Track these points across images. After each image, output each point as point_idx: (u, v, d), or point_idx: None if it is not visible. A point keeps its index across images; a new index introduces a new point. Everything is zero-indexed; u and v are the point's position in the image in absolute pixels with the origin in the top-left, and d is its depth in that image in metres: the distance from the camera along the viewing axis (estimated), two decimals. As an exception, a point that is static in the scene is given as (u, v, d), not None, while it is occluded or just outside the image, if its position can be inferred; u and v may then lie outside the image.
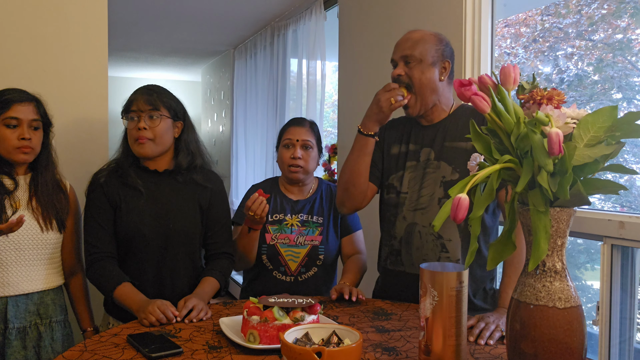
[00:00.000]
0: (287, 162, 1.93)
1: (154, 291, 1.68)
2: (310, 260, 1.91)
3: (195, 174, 1.79)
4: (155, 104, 1.71)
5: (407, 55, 1.62)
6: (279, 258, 1.90)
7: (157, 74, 7.62)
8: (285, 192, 2.00)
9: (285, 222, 1.94)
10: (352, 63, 3.17)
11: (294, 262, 1.91)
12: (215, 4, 4.10)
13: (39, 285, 1.68)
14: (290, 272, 1.91)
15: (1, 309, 1.62)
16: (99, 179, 1.74)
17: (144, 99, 1.71)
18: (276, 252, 1.90)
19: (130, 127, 1.72)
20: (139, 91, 1.74)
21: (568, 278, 0.98)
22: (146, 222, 1.70)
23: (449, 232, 1.61)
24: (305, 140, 1.93)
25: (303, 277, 1.92)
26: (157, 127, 1.70)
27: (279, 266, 1.91)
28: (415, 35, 1.65)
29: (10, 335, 1.62)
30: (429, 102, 1.64)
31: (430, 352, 1.11)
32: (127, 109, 1.73)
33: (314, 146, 1.96)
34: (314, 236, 1.93)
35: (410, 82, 1.62)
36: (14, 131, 1.62)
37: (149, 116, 1.69)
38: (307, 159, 1.93)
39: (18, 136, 1.62)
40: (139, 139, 1.69)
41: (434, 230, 0.95)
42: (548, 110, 0.93)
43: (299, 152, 1.92)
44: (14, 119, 1.62)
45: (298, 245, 1.91)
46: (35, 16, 2.14)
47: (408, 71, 1.62)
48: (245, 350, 1.26)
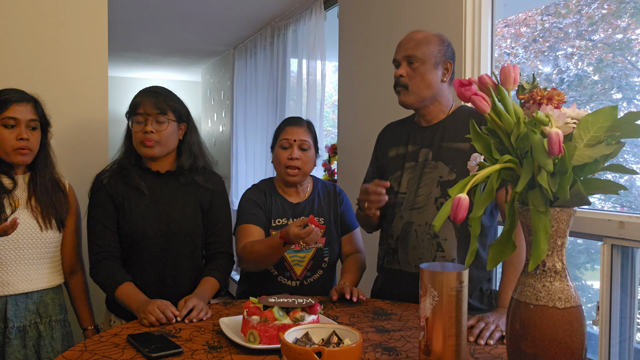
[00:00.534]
0: (284, 163, 1.87)
1: (156, 291, 1.68)
2: (315, 264, 1.88)
3: (196, 175, 1.80)
4: (162, 108, 1.71)
5: (410, 55, 1.63)
6: (285, 264, 1.86)
7: (157, 74, 7.62)
8: (283, 195, 1.94)
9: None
10: (352, 63, 3.17)
11: (300, 266, 1.87)
12: (215, 4, 4.10)
13: (39, 284, 1.68)
14: (296, 276, 1.87)
15: (1, 308, 1.62)
16: (102, 180, 1.74)
17: (151, 102, 1.71)
18: (282, 257, 1.85)
19: (136, 130, 1.72)
20: (145, 94, 1.75)
21: (568, 278, 0.98)
22: (149, 223, 1.71)
23: (445, 232, 1.62)
24: (303, 141, 1.87)
25: (309, 280, 1.88)
26: (164, 131, 1.71)
27: (285, 271, 1.87)
28: (418, 36, 1.65)
29: (10, 334, 1.62)
30: (424, 96, 1.64)
31: (430, 352, 1.11)
32: (133, 111, 1.73)
33: (312, 147, 1.90)
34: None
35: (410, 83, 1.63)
36: (11, 131, 1.62)
37: (157, 120, 1.71)
38: (305, 160, 1.87)
39: (16, 136, 1.62)
40: (146, 142, 1.70)
41: (434, 230, 0.95)
42: (548, 110, 0.93)
43: (296, 153, 1.85)
44: (12, 119, 1.62)
45: (303, 249, 1.87)
46: (35, 16, 2.14)
47: (411, 72, 1.63)
48: (245, 350, 1.26)
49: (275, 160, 1.92)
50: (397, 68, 1.67)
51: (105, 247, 1.70)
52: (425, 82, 1.63)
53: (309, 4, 3.79)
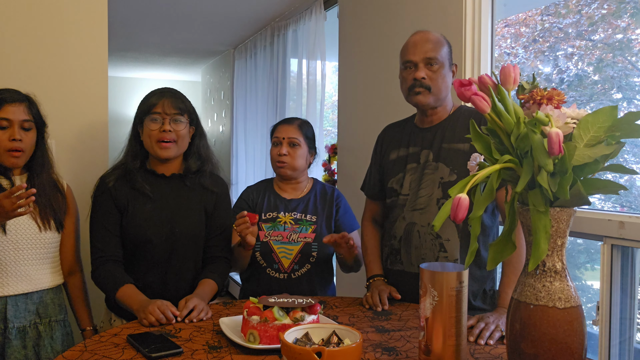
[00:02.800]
0: (274, 158, 1.98)
1: (159, 293, 1.69)
2: (303, 257, 1.92)
3: (203, 178, 1.81)
4: (180, 108, 1.73)
5: (431, 57, 1.63)
6: (273, 255, 1.92)
7: (157, 74, 7.61)
8: (279, 192, 2.03)
9: (279, 220, 1.95)
10: (352, 63, 3.17)
11: (287, 259, 1.92)
12: (215, 4, 4.10)
13: (38, 284, 1.68)
14: (284, 269, 1.92)
15: (1, 309, 1.62)
16: (107, 182, 1.74)
17: (170, 102, 1.72)
18: (269, 249, 1.92)
19: (152, 129, 1.71)
20: (163, 94, 1.75)
21: (568, 278, 0.98)
22: (153, 227, 1.71)
23: (447, 232, 1.62)
24: (292, 138, 1.96)
25: (296, 274, 1.92)
26: (181, 131, 1.73)
27: (273, 263, 1.92)
28: (432, 37, 1.66)
29: (10, 334, 1.62)
30: (442, 97, 1.68)
31: (430, 352, 1.11)
32: (149, 110, 1.72)
33: (302, 144, 1.98)
34: (307, 234, 1.94)
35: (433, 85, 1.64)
36: (4, 132, 1.61)
37: (174, 120, 1.71)
38: (293, 156, 1.96)
39: (9, 137, 1.61)
40: (164, 141, 1.70)
41: (434, 230, 0.95)
42: (548, 110, 0.93)
43: (284, 149, 1.95)
44: (5, 120, 1.61)
45: (291, 242, 1.92)
46: (35, 16, 2.14)
47: (431, 74, 1.64)
48: (245, 350, 1.26)
49: (270, 157, 2.04)
50: (411, 69, 1.66)
51: (107, 251, 1.71)
52: (445, 84, 1.66)
53: (309, 4, 3.79)
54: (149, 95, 1.77)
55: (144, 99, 1.77)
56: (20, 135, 1.62)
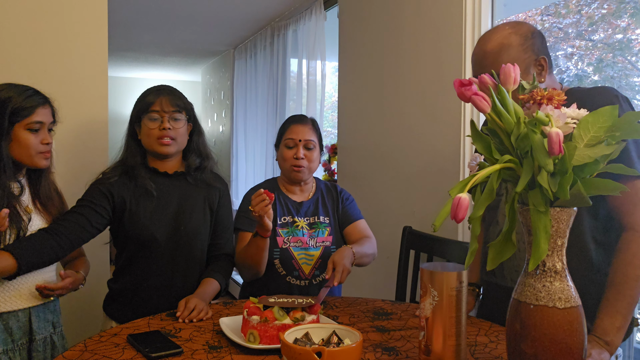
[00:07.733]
0: (290, 162, 1.86)
1: (164, 291, 1.68)
2: (323, 262, 1.85)
3: (205, 175, 1.80)
4: (179, 105, 1.72)
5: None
6: (293, 262, 1.83)
7: (157, 74, 7.61)
8: (287, 194, 1.93)
9: (296, 224, 1.87)
10: (352, 63, 3.17)
11: (308, 265, 1.84)
12: (215, 4, 4.10)
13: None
14: (305, 275, 1.84)
15: (26, 321, 1.55)
16: (109, 178, 1.70)
17: (168, 100, 1.71)
18: (290, 255, 1.82)
19: (151, 127, 1.70)
20: (161, 91, 1.73)
21: (568, 278, 0.98)
22: (158, 225, 1.70)
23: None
24: (308, 140, 1.86)
25: (317, 280, 1.85)
26: (180, 129, 1.72)
27: (293, 270, 1.83)
28: (490, 47, 1.40)
29: (38, 347, 1.56)
30: None
31: (430, 352, 1.11)
32: (147, 108, 1.71)
33: (317, 145, 1.90)
34: (325, 237, 1.88)
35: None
36: (37, 135, 1.56)
37: (173, 117, 1.71)
38: (310, 159, 1.87)
39: (41, 140, 1.56)
40: (163, 139, 1.69)
41: (434, 230, 0.94)
42: (548, 110, 0.93)
43: (301, 153, 1.85)
44: (38, 123, 1.56)
45: (311, 247, 1.85)
46: (35, 16, 2.14)
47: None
48: (245, 350, 1.26)
49: (280, 158, 1.92)
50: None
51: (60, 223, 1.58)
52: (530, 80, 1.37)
53: (309, 4, 3.79)
54: (145, 93, 1.75)
55: (140, 97, 1.75)
56: (49, 138, 1.59)
